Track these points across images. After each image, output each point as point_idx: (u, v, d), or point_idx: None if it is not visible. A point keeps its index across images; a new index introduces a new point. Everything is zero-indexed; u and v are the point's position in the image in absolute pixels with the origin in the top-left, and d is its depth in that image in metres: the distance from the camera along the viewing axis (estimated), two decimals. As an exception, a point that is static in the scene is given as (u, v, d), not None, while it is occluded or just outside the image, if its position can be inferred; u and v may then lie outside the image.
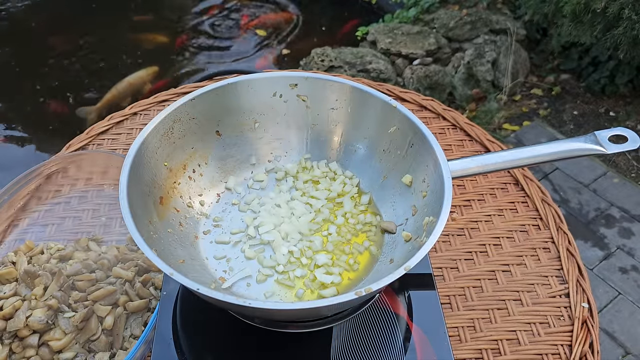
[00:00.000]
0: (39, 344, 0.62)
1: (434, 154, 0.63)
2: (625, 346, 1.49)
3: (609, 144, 0.62)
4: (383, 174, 0.72)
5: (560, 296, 0.75)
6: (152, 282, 0.70)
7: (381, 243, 0.67)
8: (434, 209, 0.60)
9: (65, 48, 2.62)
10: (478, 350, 0.69)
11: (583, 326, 0.72)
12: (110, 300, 0.66)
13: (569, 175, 1.97)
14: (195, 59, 2.64)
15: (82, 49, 2.64)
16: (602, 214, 1.84)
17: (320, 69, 2.17)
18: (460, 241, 0.82)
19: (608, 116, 2.22)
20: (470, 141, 0.98)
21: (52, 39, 2.69)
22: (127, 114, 1.01)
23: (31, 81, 2.45)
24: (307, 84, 0.72)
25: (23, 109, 2.35)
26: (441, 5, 2.50)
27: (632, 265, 1.69)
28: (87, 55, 2.60)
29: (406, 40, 2.30)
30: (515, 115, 2.24)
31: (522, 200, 0.88)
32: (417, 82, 2.19)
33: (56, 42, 2.67)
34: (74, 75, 2.49)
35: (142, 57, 2.61)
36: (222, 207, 0.71)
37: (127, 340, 0.65)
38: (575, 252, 0.80)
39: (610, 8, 1.67)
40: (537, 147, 0.63)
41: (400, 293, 0.66)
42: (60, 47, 2.63)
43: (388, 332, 0.63)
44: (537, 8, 2.04)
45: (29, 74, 2.49)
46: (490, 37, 2.34)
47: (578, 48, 2.34)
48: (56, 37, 2.70)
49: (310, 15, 2.96)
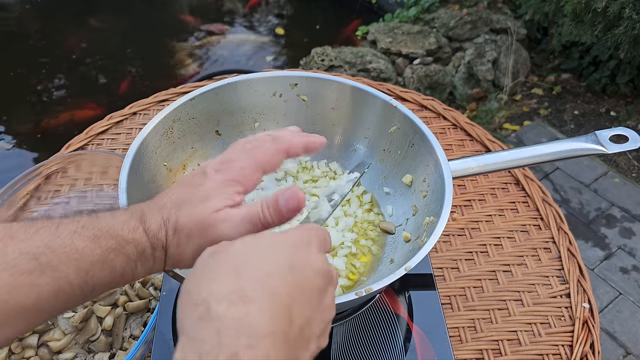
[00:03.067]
0: (38, 344, 0.62)
1: (435, 154, 0.62)
2: (626, 346, 1.49)
3: (609, 143, 0.61)
4: (383, 174, 0.71)
5: (561, 296, 0.75)
6: (152, 283, 0.70)
7: (382, 243, 0.67)
8: (434, 209, 0.60)
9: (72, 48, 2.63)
10: (479, 351, 0.69)
11: (584, 326, 0.71)
12: (109, 301, 0.66)
13: (569, 175, 1.96)
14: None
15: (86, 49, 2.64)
16: (602, 214, 1.84)
17: (320, 69, 2.17)
18: (460, 241, 0.81)
19: (609, 116, 2.22)
20: (471, 141, 0.98)
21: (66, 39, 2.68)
22: (126, 114, 1.01)
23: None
24: (307, 84, 0.72)
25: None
26: (441, 4, 2.50)
27: (633, 265, 1.69)
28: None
29: (406, 39, 2.30)
30: (515, 114, 2.23)
31: (523, 200, 0.88)
32: (418, 81, 2.19)
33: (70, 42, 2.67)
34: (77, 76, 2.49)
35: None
36: (222, 207, 0.71)
37: (126, 340, 0.65)
38: (576, 252, 0.80)
39: (611, 7, 1.67)
40: (538, 147, 0.63)
41: (401, 293, 0.66)
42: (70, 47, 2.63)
43: (388, 332, 0.63)
44: (538, 7, 2.03)
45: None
46: (490, 36, 2.34)
47: (579, 47, 2.34)
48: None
49: (311, 15, 2.96)
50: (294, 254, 0.34)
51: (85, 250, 0.37)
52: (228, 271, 0.32)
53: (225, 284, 0.31)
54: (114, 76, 2.48)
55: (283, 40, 2.78)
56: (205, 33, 2.79)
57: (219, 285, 0.31)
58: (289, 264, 0.33)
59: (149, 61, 2.61)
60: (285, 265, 0.33)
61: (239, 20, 2.92)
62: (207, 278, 0.32)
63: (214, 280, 0.32)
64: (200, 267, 0.34)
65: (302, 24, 2.91)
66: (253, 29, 2.85)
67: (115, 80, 2.45)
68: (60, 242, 0.37)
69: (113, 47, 2.65)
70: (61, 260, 0.36)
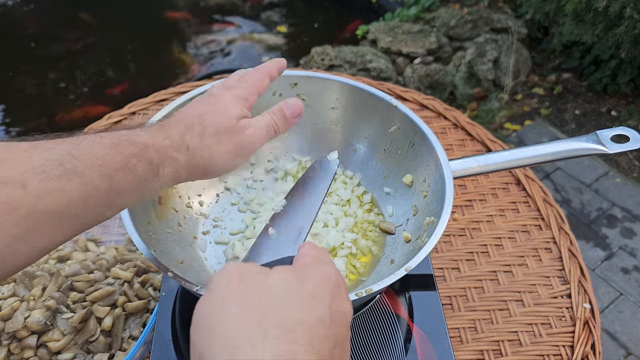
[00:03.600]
0: (37, 345, 0.62)
1: (435, 154, 0.62)
2: (627, 347, 1.49)
3: (610, 143, 0.61)
4: (383, 174, 0.71)
5: (561, 297, 0.75)
6: (151, 283, 0.70)
7: (382, 243, 0.67)
8: (435, 209, 0.59)
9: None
10: (479, 351, 0.69)
11: (585, 327, 0.71)
12: (108, 301, 0.65)
13: (570, 175, 1.96)
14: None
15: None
16: (603, 214, 1.83)
17: (320, 68, 2.17)
18: (461, 241, 0.81)
19: (610, 115, 2.21)
20: (472, 141, 0.97)
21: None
22: (125, 114, 1.00)
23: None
24: (307, 83, 0.71)
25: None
26: (442, 3, 2.49)
27: (634, 265, 1.68)
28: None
29: (407, 39, 2.30)
30: (516, 114, 2.23)
31: (524, 200, 0.87)
32: (418, 81, 2.19)
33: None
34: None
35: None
36: (221, 207, 0.71)
37: (125, 341, 0.65)
38: (576, 252, 0.80)
39: (612, 7, 1.66)
40: (539, 147, 0.63)
41: (401, 294, 0.66)
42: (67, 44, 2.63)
43: (389, 332, 0.62)
44: (539, 7, 2.03)
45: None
46: (491, 36, 2.34)
47: (580, 47, 2.33)
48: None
49: (311, 15, 2.96)
50: (333, 302, 0.32)
51: (107, 157, 0.38)
52: (276, 327, 0.29)
53: (276, 347, 0.28)
54: (115, 75, 2.48)
55: (283, 39, 2.78)
56: (205, 32, 2.79)
57: (269, 351, 0.27)
58: (330, 317, 0.31)
59: (149, 61, 2.60)
60: (327, 318, 0.30)
61: (239, 19, 2.92)
62: (253, 335, 0.28)
63: (263, 344, 0.28)
64: (234, 301, 0.30)
65: (302, 23, 2.91)
66: (254, 28, 2.85)
67: (111, 81, 2.45)
68: (83, 150, 0.38)
69: (112, 47, 2.65)
70: (86, 166, 0.37)
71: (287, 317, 0.29)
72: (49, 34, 2.72)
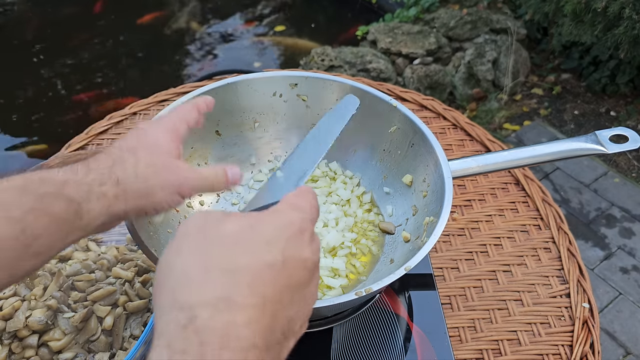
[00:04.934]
0: (38, 344, 0.62)
1: (435, 154, 0.63)
2: (626, 346, 1.49)
3: (609, 143, 0.61)
4: (383, 174, 0.71)
5: (560, 296, 0.75)
6: (152, 283, 0.70)
7: (382, 243, 0.67)
8: (434, 209, 0.60)
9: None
10: (479, 351, 0.69)
11: (584, 326, 0.71)
12: (109, 301, 0.66)
13: (569, 175, 1.96)
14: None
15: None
16: (602, 214, 1.84)
17: (320, 69, 2.17)
18: (460, 241, 0.81)
19: (609, 116, 2.22)
20: (471, 141, 0.98)
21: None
22: (126, 114, 1.01)
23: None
24: (307, 84, 0.72)
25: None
26: (441, 4, 2.50)
27: (632, 265, 1.69)
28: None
29: (406, 39, 2.30)
30: (515, 114, 2.23)
31: (523, 200, 0.88)
32: (418, 81, 2.19)
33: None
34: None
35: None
36: (221, 207, 0.71)
37: (126, 340, 0.65)
38: (575, 252, 0.80)
39: (611, 7, 1.67)
40: (538, 147, 0.63)
41: (401, 293, 0.66)
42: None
43: (388, 332, 0.63)
44: (538, 7, 2.03)
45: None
46: (490, 36, 2.34)
47: (579, 47, 2.34)
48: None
49: (311, 15, 2.96)
50: (288, 248, 0.32)
51: (13, 201, 0.36)
52: (219, 269, 0.30)
53: (214, 288, 0.29)
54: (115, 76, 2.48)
55: (283, 39, 2.78)
56: (205, 32, 2.79)
57: (207, 290, 0.29)
58: (282, 261, 0.31)
59: (149, 61, 2.61)
60: (278, 263, 0.31)
61: (239, 19, 2.92)
62: (195, 276, 0.30)
63: (202, 284, 0.29)
64: (187, 247, 0.31)
65: (302, 23, 2.91)
66: (254, 28, 2.85)
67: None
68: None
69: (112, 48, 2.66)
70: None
71: (232, 262, 0.30)
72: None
